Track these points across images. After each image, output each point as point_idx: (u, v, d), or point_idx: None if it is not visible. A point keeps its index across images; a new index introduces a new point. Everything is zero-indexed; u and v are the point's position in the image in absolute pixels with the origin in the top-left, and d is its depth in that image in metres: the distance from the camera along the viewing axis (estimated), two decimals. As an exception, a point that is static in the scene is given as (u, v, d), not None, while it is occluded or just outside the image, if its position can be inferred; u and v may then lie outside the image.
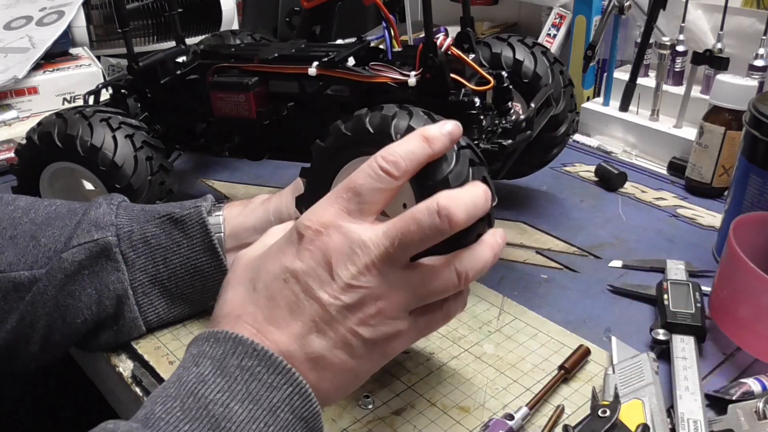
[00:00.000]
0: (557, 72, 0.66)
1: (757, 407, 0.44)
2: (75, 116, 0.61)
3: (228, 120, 0.63)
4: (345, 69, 0.57)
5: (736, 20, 0.80)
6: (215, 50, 0.68)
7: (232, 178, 0.80)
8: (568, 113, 0.68)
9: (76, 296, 0.51)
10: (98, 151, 0.59)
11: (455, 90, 0.54)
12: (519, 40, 0.66)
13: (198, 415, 0.35)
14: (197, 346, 0.39)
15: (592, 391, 0.47)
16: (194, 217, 0.53)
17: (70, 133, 0.60)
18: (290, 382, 0.38)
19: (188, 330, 0.55)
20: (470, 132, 0.53)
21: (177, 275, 0.54)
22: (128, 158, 0.60)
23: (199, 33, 1.07)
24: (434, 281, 0.40)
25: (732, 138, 0.70)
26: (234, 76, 0.62)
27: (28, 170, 0.64)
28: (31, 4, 1.04)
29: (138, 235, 0.53)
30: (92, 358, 0.57)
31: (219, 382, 0.37)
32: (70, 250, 0.51)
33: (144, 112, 0.68)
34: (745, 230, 0.52)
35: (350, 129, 0.45)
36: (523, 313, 0.56)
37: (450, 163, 0.41)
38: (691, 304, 0.53)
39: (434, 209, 0.38)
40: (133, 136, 0.61)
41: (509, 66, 0.65)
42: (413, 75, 0.54)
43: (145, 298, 0.53)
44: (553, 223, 0.70)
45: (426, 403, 0.48)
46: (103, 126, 0.60)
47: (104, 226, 0.52)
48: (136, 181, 0.60)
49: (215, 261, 0.54)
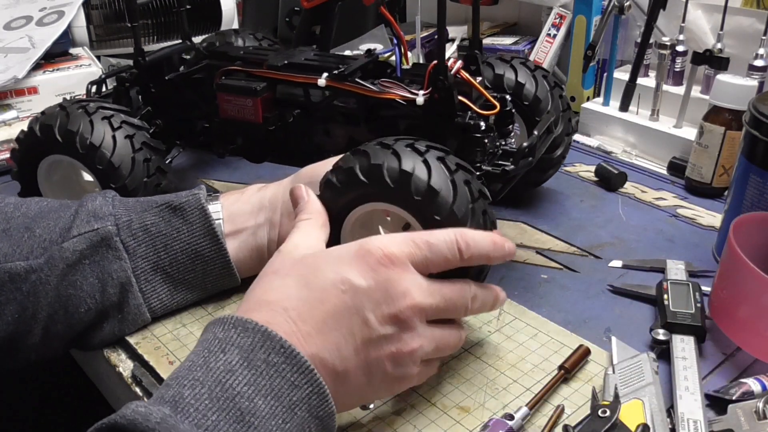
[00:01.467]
0: (557, 96, 0.67)
1: (757, 407, 0.44)
2: (78, 111, 0.61)
3: (233, 122, 0.64)
4: (354, 83, 0.58)
5: (736, 20, 0.80)
6: (223, 51, 0.68)
7: (232, 177, 0.80)
8: (565, 136, 0.69)
9: (77, 286, 0.51)
10: (97, 149, 0.59)
11: (462, 112, 0.54)
12: (521, 62, 0.67)
13: (225, 406, 0.37)
14: (224, 331, 0.40)
15: (592, 391, 0.47)
16: (193, 203, 0.54)
17: (70, 129, 0.60)
18: (311, 382, 0.39)
19: (188, 330, 0.55)
20: (473, 154, 0.54)
21: (178, 261, 0.54)
22: (126, 159, 0.60)
23: (200, 32, 1.07)
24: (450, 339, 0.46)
25: (732, 138, 0.70)
26: (242, 80, 0.63)
27: (27, 159, 0.64)
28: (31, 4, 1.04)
29: (137, 223, 0.53)
30: (92, 358, 0.57)
31: (246, 374, 0.38)
32: (71, 240, 0.51)
33: (146, 107, 0.68)
34: (745, 230, 0.52)
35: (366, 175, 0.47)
36: (523, 313, 0.56)
37: (452, 198, 0.46)
38: (691, 304, 0.53)
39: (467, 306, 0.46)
40: (134, 136, 0.61)
41: (511, 88, 0.66)
42: (422, 94, 0.55)
43: (148, 285, 0.54)
44: (553, 223, 0.70)
45: (426, 403, 0.48)
46: (104, 124, 0.60)
47: (103, 216, 0.53)
48: (131, 182, 0.60)
49: (216, 245, 0.54)
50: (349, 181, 0.48)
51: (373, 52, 0.63)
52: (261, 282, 0.44)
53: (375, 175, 0.47)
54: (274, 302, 0.42)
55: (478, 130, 0.54)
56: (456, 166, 0.48)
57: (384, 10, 0.59)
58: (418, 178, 0.46)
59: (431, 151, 0.48)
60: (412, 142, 0.48)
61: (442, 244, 0.44)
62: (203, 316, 0.56)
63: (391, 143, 0.48)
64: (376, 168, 0.47)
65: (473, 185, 0.48)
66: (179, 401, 0.36)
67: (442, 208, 0.46)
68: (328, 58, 0.64)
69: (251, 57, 0.65)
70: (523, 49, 1.02)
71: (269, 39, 0.80)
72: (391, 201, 0.48)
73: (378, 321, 0.41)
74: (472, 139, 0.54)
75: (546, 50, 0.98)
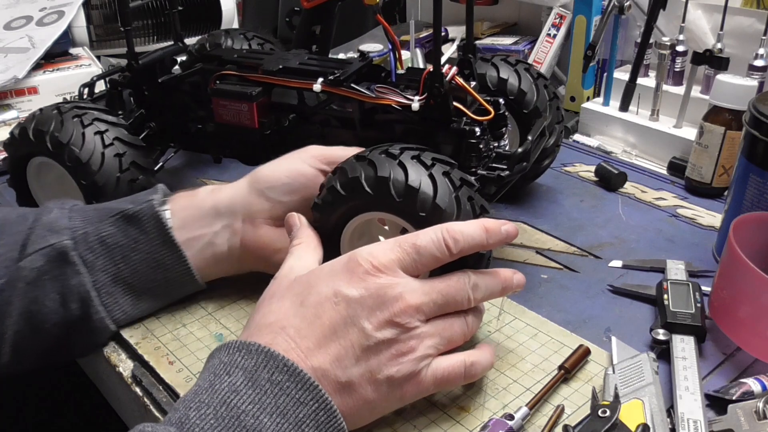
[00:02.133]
0: (541, 87, 0.68)
1: (757, 407, 0.44)
2: (52, 111, 0.61)
3: (228, 127, 0.63)
4: (350, 88, 0.58)
5: (736, 20, 0.80)
6: (217, 55, 0.68)
7: (231, 177, 0.79)
8: (555, 125, 0.69)
9: (40, 302, 0.51)
10: (65, 146, 0.59)
11: (456, 118, 0.55)
12: (502, 59, 0.68)
13: (230, 424, 0.37)
14: (229, 355, 0.41)
15: (592, 391, 0.47)
16: (147, 212, 0.53)
17: (40, 129, 0.60)
18: (317, 398, 0.40)
19: (188, 330, 0.55)
20: (469, 160, 0.55)
21: (139, 272, 0.54)
22: (95, 154, 0.60)
23: (199, 32, 1.07)
24: (454, 327, 0.45)
25: (732, 138, 0.70)
26: (237, 84, 0.62)
27: (13, 164, 0.65)
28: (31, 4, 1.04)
29: (94, 236, 0.53)
30: (92, 358, 0.57)
31: (250, 394, 0.39)
32: (28, 258, 0.51)
33: (140, 110, 0.68)
34: (745, 230, 0.52)
35: (372, 187, 0.48)
36: (523, 313, 0.56)
37: (432, 191, 0.47)
38: (691, 304, 0.53)
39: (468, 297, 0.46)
40: (105, 132, 0.61)
41: (494, 85, 0.67)
42: (417, 100, 0.55)
43: (110, 298, 0.53)
44: (553, 223, 0.70)
45: (426, 403, 0.48)
46: (74, 122, 0.60)
47: (59, 230, 0.52)
48: (101, 177, 0.60)
49: (175, 253, 0.54)
50: (332, 197, 0.50)
51: (367, 56, 0.64)
52: (260, 307, 0.45)
53: (355, 187, 0.48)
54: (273, 324, 0.43)
55: (473, 136, 0.54)
56: (432, 160, 0.48)
57: (379, 17, 0.59)
58: (397, 180, 0.47)
59: (406, 152, 0.48)
60: (386, 148, 0.49)
61: (429, 243, 0.44)
62: (203, 316, 0.56)
63: (366, 153, 0.49)
64: (355, 180, 0.48)
65: (453, 175, 0.48)
66: (185, 422, 0.37)
67: (425, 204, 0.47)
68: (323, 62, 0.64)
69: (245, 61, 0.65)
70: (523, 50, 1.02)
71: (260, 38, 0.79)
72: (375, 209, 0.49)
73: (374, 327, 0.42)
74: (467, 144, 0.54)
75: (546, 50, 0.98)
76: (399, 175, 0.47)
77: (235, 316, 0.56)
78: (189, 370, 0.51)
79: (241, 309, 0.57)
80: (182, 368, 0.51)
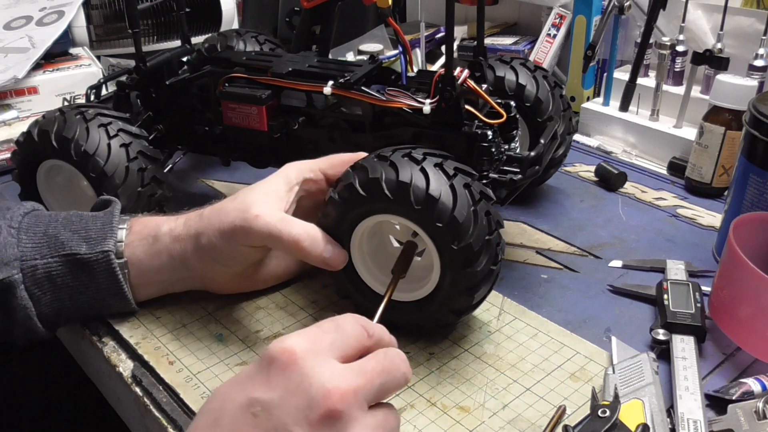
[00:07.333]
0: (557, 96, 0.67)
1: (757, 407, 0.44)
2: (76, 117, 0.61)
3: (237, 129, 0.63)
4: (361, 91, 0.58)
5: (736, 20, 0.80)
6: (226, 57, 0.68)
7: (233, 178, 0.80)
8: (566, 135, 0.69)
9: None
10: (90, 157, 0.59)
11: (468, 121, 0.54)
12: (522, 63, 0.68)
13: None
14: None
15: (592, 391, 0.47)
16: (102, 264, 0.53)
17: (65, 135, 0.59)
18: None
19: (188, 330, 0.55)
20: (481, 163, 0.54)
21: (83, 311, 0.55)
22: (119, 168, 0.60)
23: (200, 32, 1.07)
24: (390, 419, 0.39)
25: (732, 138, 0.70)
26: (246, 87, 0.62)
27: (26, 163, 0.64)
28: (31, 4, 1.04)
29: (42, 271, 0.52)
30: (92, 358, 0.57)
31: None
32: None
33: (147, 112, 0.68)
34: (745, 230, 0.52)
35: (391, 191, 0.47)
36: (523, 313, 0.56)
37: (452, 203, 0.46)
38: (691, 304, 0.53)
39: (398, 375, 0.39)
40: (130, 145, 0.61)
41: (512, 90, 0.66)
42: (428, 103, 0.55)
43: (52, 325, 0.55)
44: (553, 223, 0.70)
45: (426, 403, 0.48)
46: (100, 131, 0.60)
47: (8, 262, 0.52)
48: (123, 191, 0.60)
49: (123, 302, 0.55)
50: (348, 194, 0.49)
51: (377, 59, 0.64)
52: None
53: (374, 188, 0.48)
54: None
55: (485, 140, 0.54)
56: (455, 170, 0.48)
57: (391, 20, 0.59)
58: (417, 187, 0.47)
59: (429, 159, 0.48)
60: (409, 151, 0.49)
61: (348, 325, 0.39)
62: (203, 316, 0.56)
63: (389, 154, 0.49)
64: (374, 181, 0.48)
65: (473, 188, 0.48)
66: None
67: (443, 215, 0.46)
68: (332, 65, 0.64)
69: (254, 63, 0.65)
70: (523, 49, 1.02)
71: (271, 42, 0.80)
72: (391, 212, 0.49)
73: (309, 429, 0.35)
74: (479, 148, 0.54)
75: (546, 50, 0.98)
76: (420, 182, 0.47)
77: (235, 316, 0.56)
78: (189, 370, 0.51)
79: (241, 309, 0.57)
80: (182, 368, 0.51)
